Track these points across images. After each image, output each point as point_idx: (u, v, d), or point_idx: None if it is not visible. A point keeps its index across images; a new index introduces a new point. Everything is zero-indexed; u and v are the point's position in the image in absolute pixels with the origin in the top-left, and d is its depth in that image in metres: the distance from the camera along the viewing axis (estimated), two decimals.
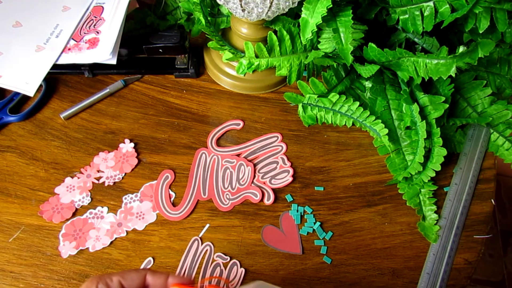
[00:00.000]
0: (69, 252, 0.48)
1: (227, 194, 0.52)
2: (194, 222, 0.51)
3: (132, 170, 0.53)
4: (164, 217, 0.51)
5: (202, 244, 0.50)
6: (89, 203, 0.51)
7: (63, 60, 0.55)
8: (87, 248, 0.48)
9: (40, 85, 0.55)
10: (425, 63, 0.45)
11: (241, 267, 0.49)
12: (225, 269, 0.48)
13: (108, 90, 0.58)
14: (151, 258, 0.48)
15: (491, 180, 0.57)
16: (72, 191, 0.51)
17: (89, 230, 0.49)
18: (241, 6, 0.48)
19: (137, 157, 0.54)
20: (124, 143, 0.55)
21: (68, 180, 0.52)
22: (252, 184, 0.53)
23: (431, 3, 0.47)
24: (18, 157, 0.53)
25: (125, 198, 0.51)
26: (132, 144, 0.55)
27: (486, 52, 0.42)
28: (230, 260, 0.49)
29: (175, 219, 0.51)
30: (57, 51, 0.56)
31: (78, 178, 0.52)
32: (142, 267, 0.48)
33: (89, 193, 0.52)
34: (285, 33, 0.52)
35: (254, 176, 0.54)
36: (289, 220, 0.52)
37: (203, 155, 0.55)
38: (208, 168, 0.54)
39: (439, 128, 0.51)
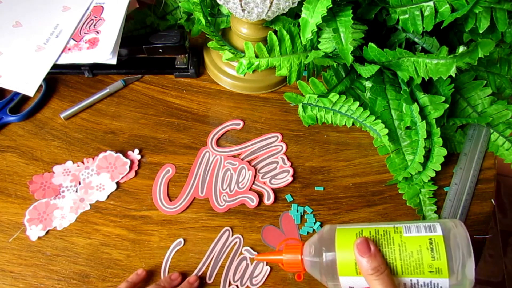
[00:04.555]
0: (37, 235, 0.48)
1: (224, 195, 0.52)
2: (194, 222, 0.51)
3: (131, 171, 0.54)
4: (159, 210, 0.51)
5: (232, 235, 0.50)
6: (73, 193, 0.51)
7: (63, 60, 0.55)
8: (55, 228, 0.49)
9: (40, 85, 0.55)
10: (425, 63, 0.45)
11: (266, 264, 0.49)
12: (251, 264, 0.49)
13: (108, 90, 0.58)
14: (182, 240, 0.50)
15: (491, 180, 0.57)
16: (66, 176, 0.52)
17: (53, 210, 0.50)
18: (241, 6, 0.48)
19: (138, 165, 0.54)
20: (133, 151, 0.55)
21: (69, 163, 0.53)
22: (251, 189, 0.53)
23: (431, 3, 0.47)
24: (18, 157, 0.53)
25: (82, 174, 0.52)
26: (139, 156, 0.54)
27: (486, 52, 0.42)
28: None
29: (169, 213, 0.51)
30: (57, 51, 0.56)
31: (78, 166, 0.53)
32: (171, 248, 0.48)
33: (78, 185, 0.52)
34: (285, 33, 0.52)
35: (254, 181, 0.54)
36: (289, 220, 0.52)
37: (207, 153, 0.55)
38: (210, 167, 0.54)
39: (439, 128, 0.51)
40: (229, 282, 0.48)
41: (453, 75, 0.43)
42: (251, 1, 0.47)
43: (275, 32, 0.52)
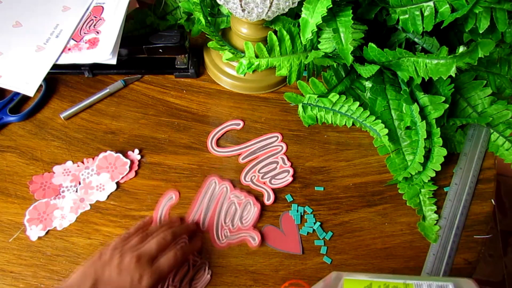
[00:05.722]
0: (37, 235, 0.49)
1: (225, 230, 0.50)
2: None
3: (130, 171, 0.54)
4: None
5: (219, 184, 0.52)
6: (73, 193, 0.51)
7: (63, 60, 0.55)
8: (55, 228, 0.49)
9: (40, 85, 0.55)
10: (425, 63, 0.45)
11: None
12: (239, 207, 0.51)
13: (108, 90, 0.58)
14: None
15: (491, 180, 0.57)
16: (66, 176, 0.52)
17: (53, 210, 0.50)
18: (241, 6, 0.48)
19: (138, 165, 0.54)
20: (133, 151, 0.54)
21: (69, 163, 0.53)
22: (255, 227, 0.51)
23: (431, 3, 0.47)
24: (18, 157, 0.53)
25: (82, 174, 0.52)
26: (139, 156, 0.54)
27: (486, 52, 0.42)
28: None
29: None
30: (57, 51, 0.56)
31: (78, 166, 0.53)
32: None
33: (78, 185, 0.52)
34: (285, 33, 0.52)
35: (259, 219, 0.51)
36: (289, 220, 0.52)
37: (213, 183, 0.53)
38: (214, 198, 0.52)
39: (439, 128, 0.51)
40: (221, 225, 0.50)
41: (453, 75, 0.43)
42: (251, 1, 0.47)
43: (275, 32, 0.52)
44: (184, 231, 0.48)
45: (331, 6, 0.44)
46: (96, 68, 0.59)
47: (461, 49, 0.42)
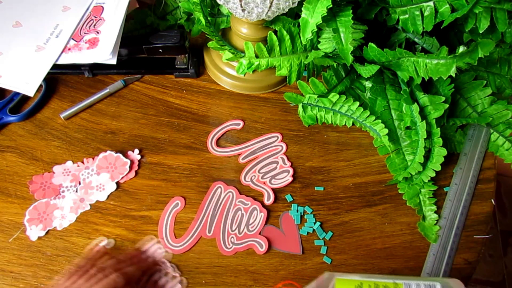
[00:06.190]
0: (37, 235, 0.49)
1: (232, 237, 0.50)
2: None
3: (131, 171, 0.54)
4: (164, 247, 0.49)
5: (224, 191, 0.52)
6: (73, 193, 0.51)
7: (63, 60, 0.55)
8: (55, 228, 0.49)
9: (40, 85, 0.55)
10: (425, 63, 0.45)
11: (260, 211, 0.49)
12: (246, 214, 0.50)
13: (108, 90, 0.58)
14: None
15: (491, 180, 0.57)
16: (66, 176, 0.52)
17: (53, 210, 0.50)
18: (241, 6, 0.48)
19: (138, 165, 0.54)
20: (133, 151, 0.54)
21: (69, 163, 0.53)
22: (260, 233, 0.50)
23: (431, 3, 0.47)
24: (18, 157, 0.53)
25: (82, 174, 0.52)
26: (139, 156, 0.54)
27: (486, 52, 0.42)
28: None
29: (174, 251, 0.49)
30: (57, 51, 0.56)
31: (78, 166, 0.53)
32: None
33: (78, 185, 0.52)
34: (285, 33, 0.52)
35: (266, 224, 0.51)
36: (289, 220, 0.52)
37: (219, 189, 0.53)
38: (220, 204, 0.52)
39: (439, 128, 0.51)
40: (228, 232, 0.49)
41: (453, 75, 0.43)
42: (251, 1, 0.47)
43: (275, 32, 0.52)
44: (140, 273, 0.45)
45: (331, 6, 0.44)
46: (96, 68, 0.59)
47: (461, 49, 0.42)
